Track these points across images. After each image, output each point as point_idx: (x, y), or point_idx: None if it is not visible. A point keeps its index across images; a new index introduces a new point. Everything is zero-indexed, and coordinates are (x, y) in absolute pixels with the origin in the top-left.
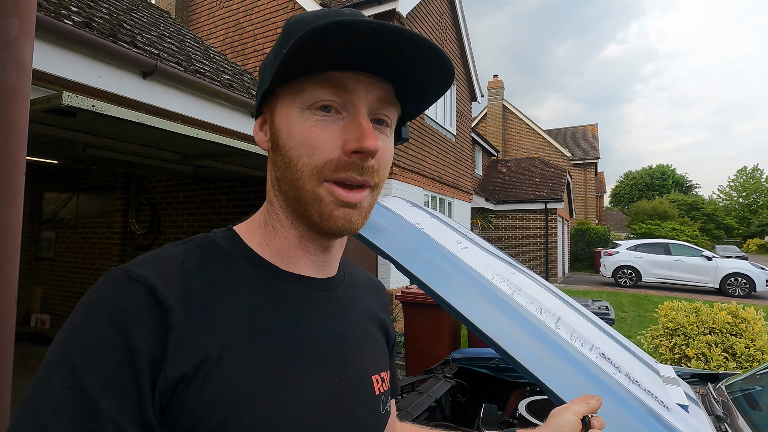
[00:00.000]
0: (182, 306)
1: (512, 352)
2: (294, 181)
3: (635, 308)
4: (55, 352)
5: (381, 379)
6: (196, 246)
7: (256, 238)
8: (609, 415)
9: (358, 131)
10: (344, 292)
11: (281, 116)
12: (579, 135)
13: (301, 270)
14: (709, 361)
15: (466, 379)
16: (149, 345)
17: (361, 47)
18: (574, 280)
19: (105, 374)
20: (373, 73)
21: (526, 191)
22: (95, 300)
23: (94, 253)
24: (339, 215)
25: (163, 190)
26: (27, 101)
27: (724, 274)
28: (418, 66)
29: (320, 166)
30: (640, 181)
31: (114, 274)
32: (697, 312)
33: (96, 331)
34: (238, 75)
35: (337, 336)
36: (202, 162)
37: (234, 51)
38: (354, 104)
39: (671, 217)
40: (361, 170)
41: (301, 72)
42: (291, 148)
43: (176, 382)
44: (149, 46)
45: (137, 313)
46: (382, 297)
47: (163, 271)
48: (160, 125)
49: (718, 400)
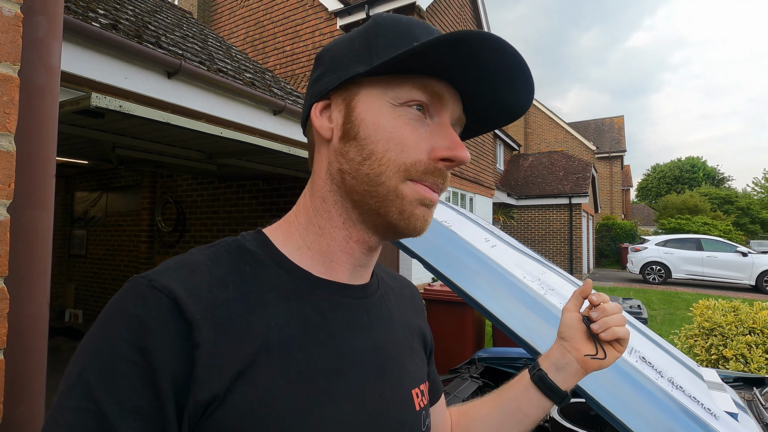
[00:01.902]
0: (210, 320)
1: None
2: (374, 176)
3: (665, 306)
4: (72, 371)
5: (420, 393)
6: (224, 251)
7: (294, 241)
8: (652, 424)
9: (449, 140)
10: (380, 300)
11: (366, 107)
12: (604, 127)
13: (338, 276)
14: (749, 362)
15: (493, 379)
16: (173, 364)
17: (480, 65)
18: (599, 276)
19: (124, 396)
20: (456, 87)
21: (550, 186)
22: (115, 312)
23: (123, 250)
24: (419, 214)
25: (188, 189)
26: (56, 102)
27: (760, 270)
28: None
29: (408, 165)
30: (668, 175)
31: (136, 284)
32: (735, 311)
33: (114, 348)
34: (260, 73)
35: (375, 350)
36: (225, 160)
37: (255, 50)
38: (442, 114)
39: (702, 212)
40: (444, 178)
41: (400, 69)
42: (377, 141)
43: (206, 404)
44: (173, 47)
45: (160, 329)
46: (416, 301)
47: (188, 281)
48: (186, 125)
49: (766, 407)
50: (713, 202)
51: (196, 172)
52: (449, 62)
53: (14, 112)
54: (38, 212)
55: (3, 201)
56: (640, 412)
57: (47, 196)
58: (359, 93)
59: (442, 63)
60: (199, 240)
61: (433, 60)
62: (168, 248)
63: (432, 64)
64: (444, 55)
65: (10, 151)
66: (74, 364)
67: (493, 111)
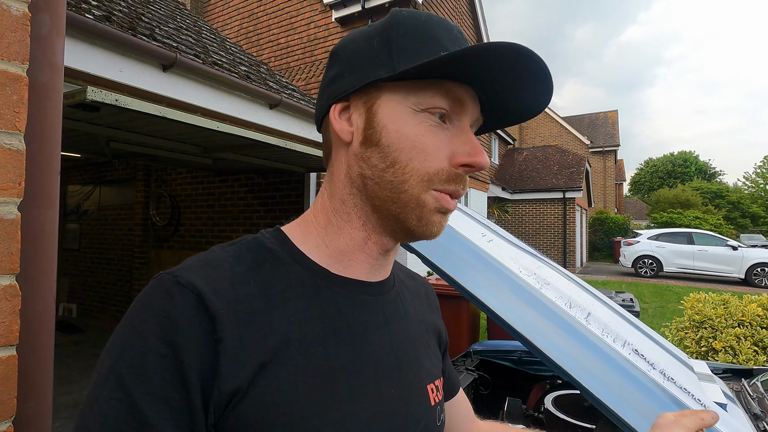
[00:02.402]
0: (232, 315)
1: (547, 351)
2: (397, 184)
3: (657, 299)
4: (104, 363)
5: (435, 388)
6: (244, 249)
7: (313, 239)
8: (644, 414)
9: (469, 145)
10: (396, 297)
11: (388, 112)
12: (598, 122)
13: (355, 274)
14: (738, 354)
15: (488, 371)
16: (199, 357)
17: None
18: (592, 270)
19: (154, 387)
20: (474, 88)
21: (544, 180)
22: (143, 307)
23: (117, 244)
24: (436, 220)
25: (183, 183)
26: (60, 100)
27: (750, 264)
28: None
29: (431, 174)
30: (661, 169)
31: (162, 280)
32: (725, 304)
33: (144, 342)
34: (255, 66)
35: (391, 346)
36: (221, 155)
37: (249, 42)
38: (461, 119)
39: (694, 206)
40: (465, 184)
41: (423, 75)
42: (400, 150)
43: (230, 396)
44: (168, 39)
45: (186, 323)
46: (432, 298)
47: (211, 277)
48: (182, 118)
49: (754, 397)
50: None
51: (191, 166)
52: (473, 70)
53: (23, 111)
54: (44, 210)
55: (14, 199)
56: (632, 403)
57: (53, 193)
58: (380, 97)
59: (466, 70)
60: (194, 234)
61: (458, 68)
62: (162, 242)
63: (456, 71)
64: (471, 65)
65: (20, 150)
66: (106, 357)
67: (512, 110)
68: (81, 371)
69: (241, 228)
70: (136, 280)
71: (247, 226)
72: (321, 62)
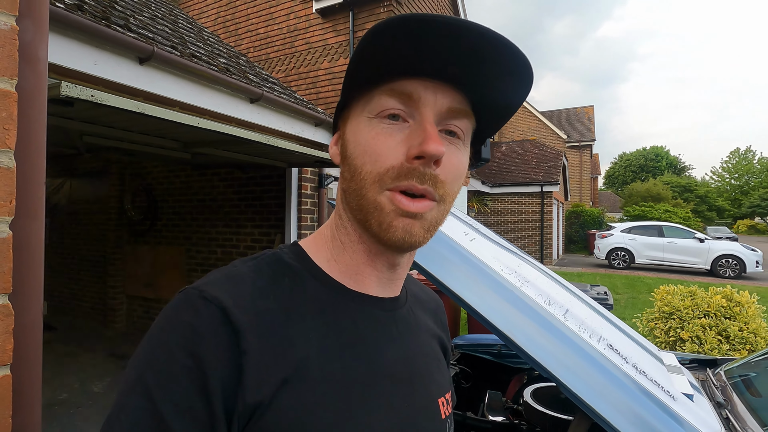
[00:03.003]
0: (255, 328)
1: (527, 349)
2: (358, 190)
3: (629, 290)
4: (131, 373)
5: (446, 402)
6: (264, 264)
7: (324, 253)
8: (617, 407)
9: (422, 136)
10: (408, 312)
11: (351, 127)
12: (575, 117)
13: (368, 289)
14: (703, 343)
15: (468, 364)
16: (222, 369)
17: (425, 48)
18: (568, 262)
19: (178, 398)
20: (440, 79)
21: (523, 174)
22: (169, 320)
23: (90, 239)
24: (398, 225)
25: (159, 176)
26: (44, 108)
27: (715, 255)
28: (490, 65)
29: (382, 173)
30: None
31: (188, 294)
32: (692, 296)
33: (170, 354)
34: (234, 58)
35: (405, 361)
36: (201, 150)
37: (227, 31)
38: (420, 111)
39: (665, 199)
40: (422, 178)
41: (370, 82)
42: (356, 157)
43: (253, 408)
44: (143, 29)
45: (211, 336)
46: (440, 315)
47: (234, 292)
48: (161, 115)
49: (717, 386)
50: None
51: (169, 161)
52: (406, 55)
53: (13, 127)
54: (29, 221)
55: (5, 218)
56: (607, 397)
57: (38, 204)
58: (349, 116)
59: (400, 58)
60: (171, 229)
61: (386, 60)
62: (138, 237)
63: (390, 64)
64: (391, 49)
65: (10, 168)
66: (133, 367)
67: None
68: (53, 371)
69: (221, 223)
70: (111, 276)
71: (227, 221)
72: (301, 54)
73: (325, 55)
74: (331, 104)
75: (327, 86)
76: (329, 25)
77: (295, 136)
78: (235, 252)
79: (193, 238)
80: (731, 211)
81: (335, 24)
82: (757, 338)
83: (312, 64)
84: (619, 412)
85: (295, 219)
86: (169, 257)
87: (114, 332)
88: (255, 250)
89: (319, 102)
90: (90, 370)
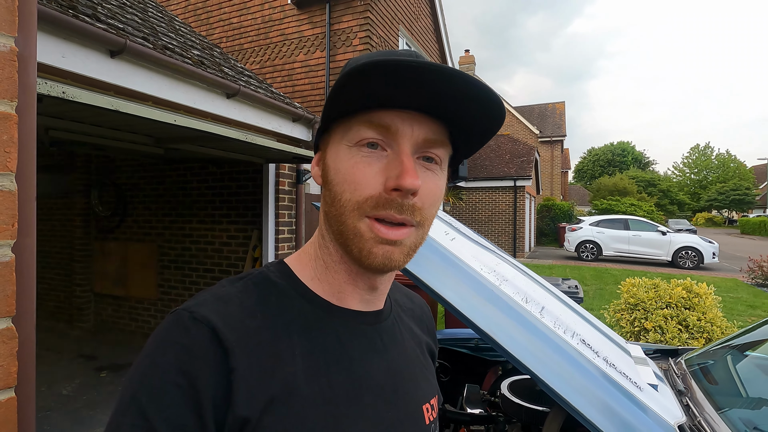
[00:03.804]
0: (243, 347)
1: (507, 346)
2: (338, 216)
3: (596, 281)
4: (125, 393)
5: (431, 407)
6: (251, 283)
7: (308, 271)
8: (588, 398)
9: (399, 169)
10: (392, 324)
11: (331, 153)
12: (547, 112)
13: (352, 304)
14: (665, 333)
15: (447, 359)
16: (213, 386)
17: (403, 86)
18: (539, 254)
19: (171, 414)
20: (418, 111)
21: (496, 169)
22: (162, 341)
23: (55, 236)
24: (378, 252)
25: (129, 170)
26: (33, 123)
27: (676, 247)
28: (465, 104)
29: (361, 202)
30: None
31: (179, 316)
32: (656, 288)
33: (163, 373)
34: (207, 50)
35: (388, 373)
36: (175, 146)
37: (198, 20)
38: (398, 143)
39: (630, 193)
40: (400, 208)
41: (349, 111)
42: (336, 184)
43: (242, 424)
44: (112, 19)
45: (202, 355)
46: (426, 321)
47: (223, 312)
48: (137, 112)
49: (678, 375)
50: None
51: (141, 156)
52: (378, 90)
53: (14, 150)
54: (21, 238)
55: (8, 241)
56: (580, 390)
57: (31, 222)
58: (329, 141)
59: (375, 93)
60: (142, 225)
61: (362, 94)
62: (107, 233)
63: (366, 97)
64: (363, 85)
65: (12, 191)
66: (127, 387)
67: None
68: None
69: (195, 219)
70: (78, 274)
71: (201, 217)
72: (276, 45)
73: (301, 48)
74: (307, 98)
75: (303, 79)
76: (305, 17)
77: (273, 131)
78: (210, 248)
79: (165, 235)
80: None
81: (311, 16)
82: (713, 327)
83: (288, 57)
84: (592, 404)
85: (272, 215)
86: (140, 254)
87: (82, 332)
88: (231, 246)
89: (296, 95)
90: (58, 373)
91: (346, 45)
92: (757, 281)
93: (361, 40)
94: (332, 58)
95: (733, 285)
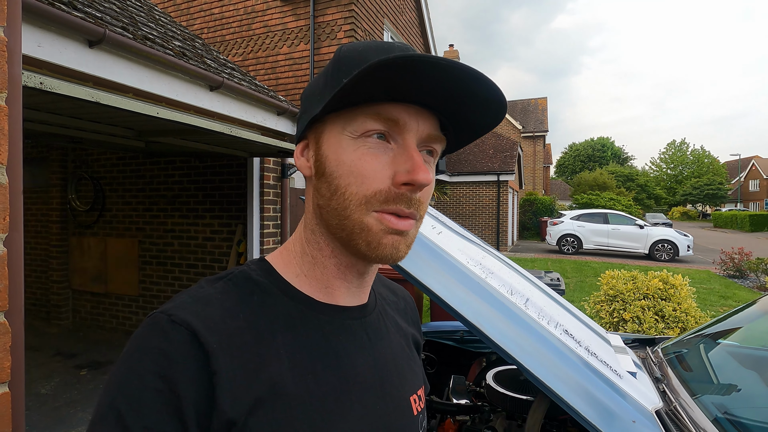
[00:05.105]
0: (225, 349)
1: (494, 338)
2: (340, 210)
3: (577, 274)
4: (103, 401)
5: (418, 398)
6: (231, 283)
7: (293, 269)
8: (571, 386)
9: (410, 163)
10: (377, 318)
11: (329, 144)
12: (530, 108)
13: (337, 300)
14: (643, 323)
15: (433, 351)
16: (195, 391)
17: (426, 83)
18: (522, 248)
19: (152, 422)
20: (424, 106)
21: (480, 163)
22: (139, 346)
23: (31, 232)
24: (387, 242)
25: (107, 164)
26: (20, 114)
27: (653, 240)
28: (477, 106)
29: (369, 196)
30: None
31: (156, 319)
32: (633, 280)
33: (141, 379)
34: (189, 40)
35: (374, 366)
36: (156, 139)
37: (178, 10)
38: (404, 137)
39: (610, 188)
40: (409, 202)
41: (352, 102)
42: (339, 176)
43: (228, 427)
44: (89, 7)
45: (181, 359)
46: (410, 313)
47: (203, 314)
48: (118, 104)
49: (655, 363)
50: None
51: (120, 149)
52: (395, 84)
53: (5, 142)
54: (12, 232)
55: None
56: (563, 378)
57: (17, 214)
58: (324, 131)
59: (389, 86)
60: (121, 220)
61: (375, 87)
62: (85, 229)
63: (377, 90)
64: (381, 79)
65: (2, 184)
66: (105, 395)
67: (471, 123)
68: None
69: (177, 213)
70: (55, 270)
71: (184, 212)
72: (259, 37)
73: (284, 40)
74: (291, 91)
75: (287, 72)
76: (288, 9)
77: (257, 125)
78: (193, 243)
79: (146, 230)
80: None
81: (295, 8)
82: (687, 317)
83: (271, 49)
84: (574, 391)
85: (257, 210)
86: (120, 250)
87: (60, 329)
88: (215, 241)
89: (279, 88)
90: (35, 371)
91: (330, 38)
92: (728, 273)
93: (345, 33)
94: (317, 51)
95: (706, 276)
